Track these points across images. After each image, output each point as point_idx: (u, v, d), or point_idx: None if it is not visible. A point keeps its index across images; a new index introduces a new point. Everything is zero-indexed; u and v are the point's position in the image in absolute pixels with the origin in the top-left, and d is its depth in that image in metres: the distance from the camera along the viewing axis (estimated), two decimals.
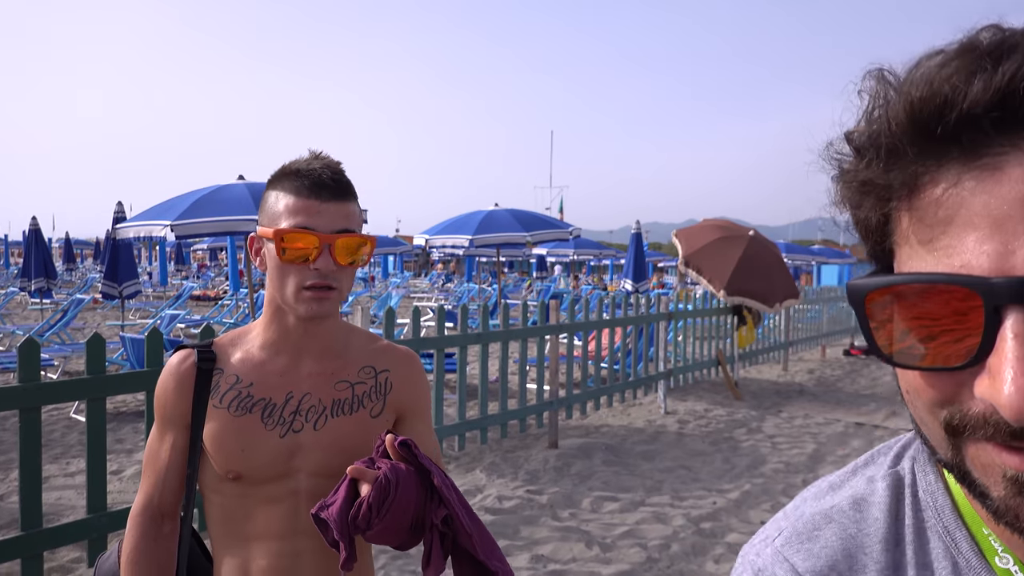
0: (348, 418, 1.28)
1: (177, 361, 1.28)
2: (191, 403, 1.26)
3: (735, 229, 9.31)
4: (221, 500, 1.27)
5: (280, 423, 1.25)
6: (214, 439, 1.24)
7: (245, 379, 1.26)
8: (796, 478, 5.28)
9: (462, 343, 5.22)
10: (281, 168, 1.23)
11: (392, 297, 16.23)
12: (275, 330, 1.27)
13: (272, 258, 1.19)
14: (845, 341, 14.28)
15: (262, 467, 1.24)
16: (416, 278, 38.56)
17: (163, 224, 6.04)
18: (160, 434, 1.30)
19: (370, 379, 1.32)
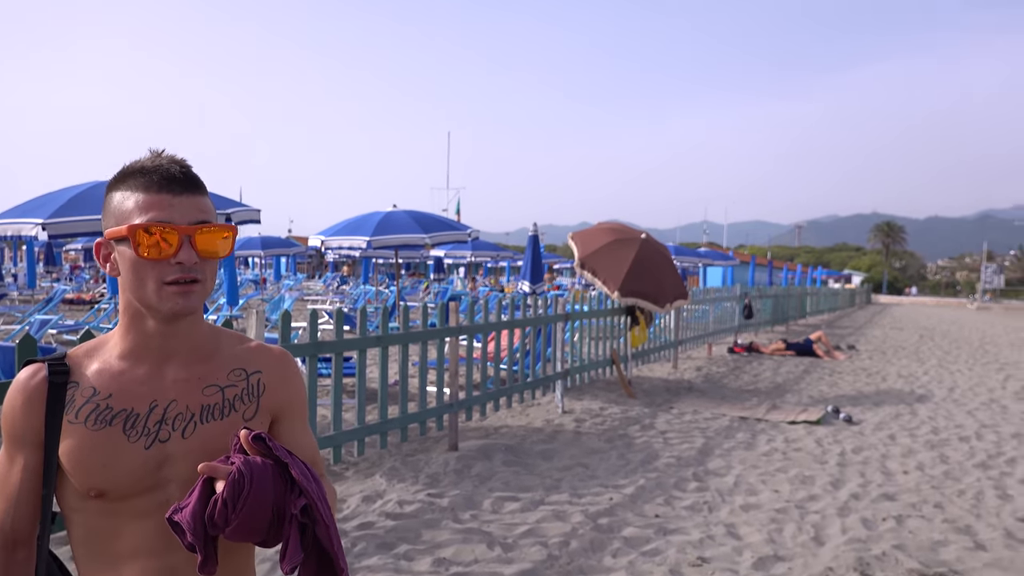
0: (219, 423, 1.23)
1: (26, 376, 1.20)
2: (43, 420, 1.18)
3: (628, 232, 9.61)
4: (84, 519, 1.20)
5: (144, 434, 1.19)
6: (71, 456, 1.17)
7: (103, 391, 1.19)
8: (687, 471, 5.51)
9: (361, 346, 5.14)
10: (122, 169, 1.19)
11: (285, 300, 15.75)
12: (134, 337, 1.21)
13: (127, 258, 1.15)
14: (729, 339, 15.02)
15: (127, 482, 1.18)
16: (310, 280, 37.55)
17: (34, 222, 5.62)
18: (9, 456, 1.22)
19: (241, 381, 1.27)
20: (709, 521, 4.49)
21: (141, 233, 1.12)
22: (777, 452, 6.21)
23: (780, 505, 4.83)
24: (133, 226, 1.12)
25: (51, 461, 1.18)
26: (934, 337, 19.14)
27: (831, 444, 6.55)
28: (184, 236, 1.14)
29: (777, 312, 19.30)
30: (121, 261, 1.17)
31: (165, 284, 1.14)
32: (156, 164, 1.17)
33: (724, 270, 27.77)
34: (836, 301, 29.63)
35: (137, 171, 1.17)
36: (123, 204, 1.16)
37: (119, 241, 1.16)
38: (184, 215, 1.15)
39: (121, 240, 1.16)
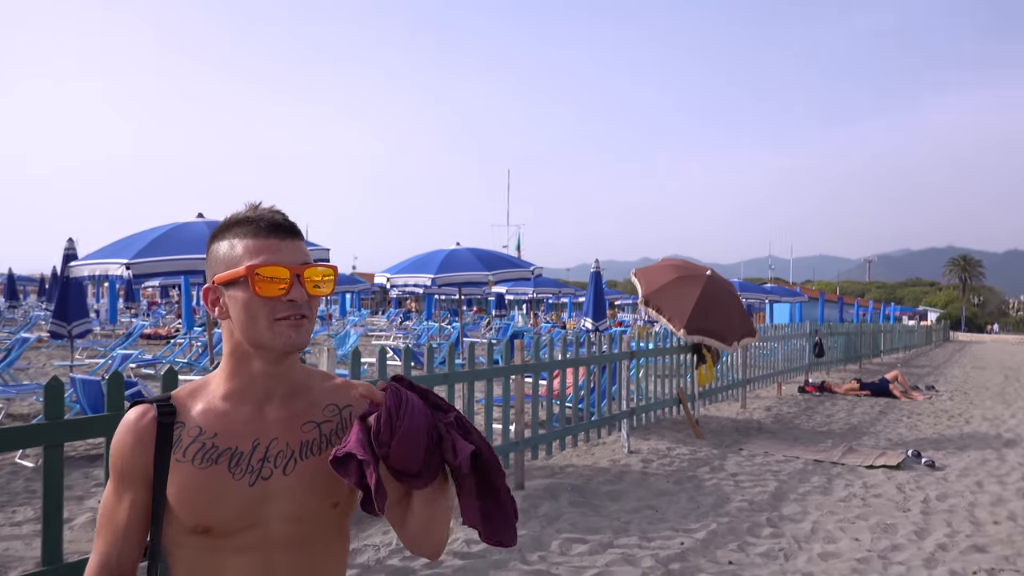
0: (317, 458, 1.27)
1: (135, 417, 1.25)
2: (152, 459, 1.23)
3: (693, 268, 9.49)
4: (188, 555, 1.24)
5: (248, 471, 1.23)
6: (180, 494, 1.22)
7: (209, 430, 1.24)
8: (760, 516, 5.32)
9: (429, 384, 5.18)
10: (226, 221, 1.26)
11: (351, 335, 16.05)
12: (239, 379, 1.26)
13: (239, 300, 1.20)
14: (800, 378, 14.57)
15: (232, 518, 1.22)
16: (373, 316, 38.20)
17: (120, 263, 5.90)
18: (117, 492, 1.26)
19: (335, 416, 1.31)
20: (786, 570, 4.32)
21: (257, 273, 1.18)
22: (856, 498, 5.96)
23: (861, 554, 4.61)
24: (251, 266, 1.18)
25: (159, 499, 1.23)
26: (1020, 377, 18.15)
27: (913, 490, 6.24)
28: (294, 275, 1.20)
29: (849, 350, 18.66)
30: (232, 303, 1.22)
31: (276, 320, 1.19)
32: (260, 214, 1.24)
33: (791, 306, 27.09)
34: (912, 339, 28.48)
35: (242, 221, 1.24)
36: (232, 251, 1.22)
37: (229, 285, 1.22)
38: (291, 257, 1.22)
39: (231, 284, 1.21)
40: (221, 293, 1.24)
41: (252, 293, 1.19)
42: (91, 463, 6.50)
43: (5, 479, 5.92)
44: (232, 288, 1.21)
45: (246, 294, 1.19)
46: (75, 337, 9.46)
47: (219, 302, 1.25)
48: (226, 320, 1.24)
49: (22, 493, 5.58)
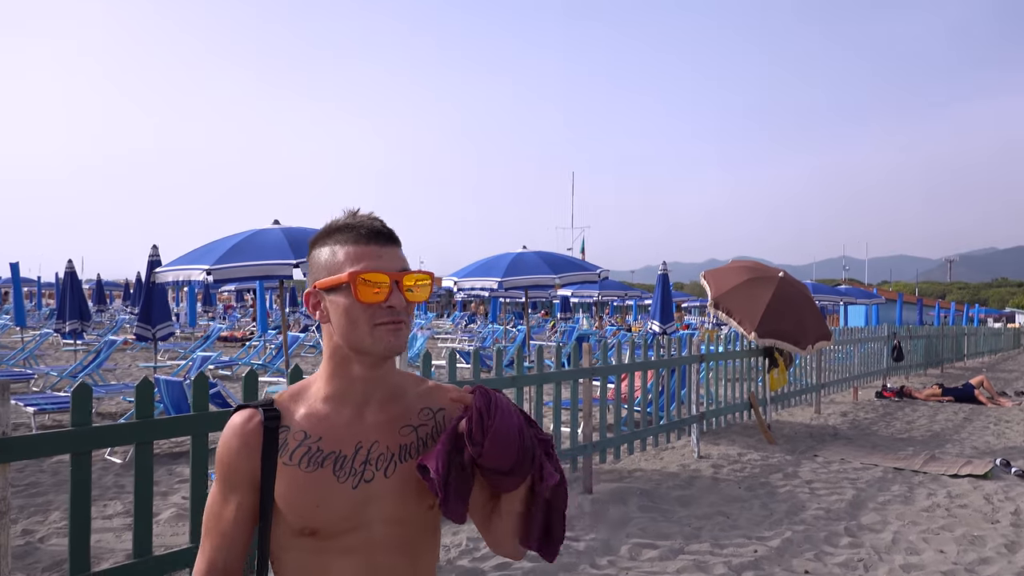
0: (415, 462, 1.29)
1: (241, 421, 1.28)
2: (259, 463, 1.26)
3: (765, 270, 9.27)
4: (294, 557, 1.27)
5: (352, 474, 1.26)
6: (287, 496, 1.24)
7: (313, 434, 1.27)
8: (838, 525, 5.16)
9: (498, 387, 5.22)
10: (327, 227, 1.28)
11: (418, 338, 16.29)
12: (339, 383, 1.28)
13: (341, 305, 1.23)
14: (877, 383, 14.06)
15: (337, 520, 1.24)
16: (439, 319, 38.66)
17: (201, 268, 6.14)
18: (223, 496, 1.29)
19: (430, 420, 1.34)
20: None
21: (360, 280, 1.20)
22: (939, 508, 5.71)
23: (947, 567, 4.42)
24: (353, 273, 1.21)
25: (267, 502, 1.25)
26: None
27: (1002, 501, 5.95)
28: (393, 281, 1.23)
29: (930, 354, 17.89)
30: (333, 308, 1.25)
31: (376, 325, 1.22)
32: (359, 220, 1.27)
33: (867, 308, 26.14)
34: (998, 342, 27.09)
35: (343, 227, 1.26)
36: (334, 257, 1.25)
37: (330, 291, 1.25)
38: (390, 264, 1.25)
39: (333, 289, 1.24)
40: (322, 298, 1.27)
41: (353, 299, 1.21)
42: (174, 460, 6.79)
43: (96, 474, 6.23)
44: (333, 293, 1.24)
45: (347, 300, 1.22)
46: (158, 340, 9.89)
47: (320, 306, 1.27)
48: (327, 324, 1.27)
49: (112, 488, 5.87)
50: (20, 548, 4.46)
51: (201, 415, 3.46)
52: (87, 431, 3.05)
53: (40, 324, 23.62)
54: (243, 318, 30.99)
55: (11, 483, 3.04)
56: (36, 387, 11.31)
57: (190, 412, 3.51)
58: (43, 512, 5.20)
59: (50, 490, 5.75)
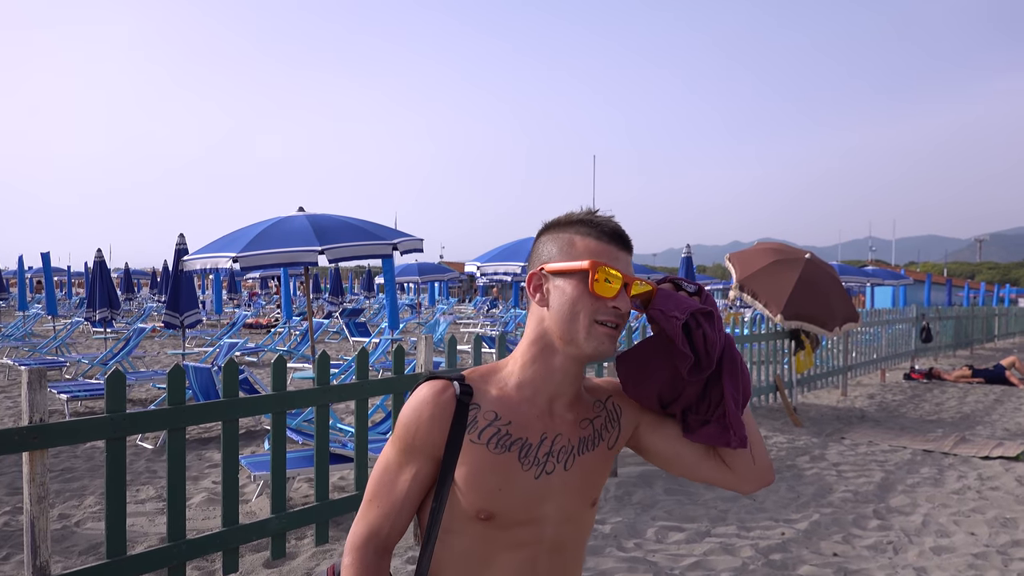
0: (591, 454, 1.29)
1: (435, 391, 1.24)
2: (447, 435, 1.22)
3: (790, 252, 9.17)
4: (462, 541, 1.24)
5: (535, 463, 1.24)
6: (470, 475, 1.21)
7: (504, 416, 1.24)
8: (866, 508, 5.12)
9: None
10: (567, 216, 1.28)
11: (440, 323, 16.36)
12: (537, 370, 1.26)
13: (567, 292, 1.21)
14: (905, 365, 13.89)
15: (516, 508, 1.22)
16: (461, 304, 38.77)
17: (228, 256, 6.20)
18: (401, 463, 1.25)
19: (602, 411, 1.33)
20: (896, 563, 4.14)
21: (601, 270, 1.19)
22: (970, 490, 5.65)
23: (978, 550, 4.37)
24: (596, 262, 1.20)
25: (446, 477, 1.22)
26: None
27: None
28: (624, 284, 1.22)
29: (959, 335, 17.63)
30: (557, 294, 1.23)
31: (596, 323, 1.20)
32: (602, 219, 1.26)
33: (894, 290, 25.77)
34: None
35: (587, 221, 1.25)
36: (573, 245, 1.23)
37: (559, 275, 1.23)
38: (625, 268, 1.24)
39: (563, 275, 1.23)
40: (547, 280, 1.25)
41: (584, 288, 1.20)
42: (203, 446, 6.90)
43: (128, 460, 6.35)
44: (562, 279, 1.22)
45: (577, 289, 1.21)
46: (186, 327, 10.02)
47: (543, 289, 1.25)
48: (542, 308, 1.25)
49: (144, 473, 5.98)
50: (57, 532, 4.56)
51: (231, 401, 3.51)
52: (122, 417, 3.10)
53: (71, 313, 24.05)
54: (268, 305, 31.31)
55: (48, 468, 3.12)
56: (68, 375, 11.53)
57: (219, 398, 3.56)
58: (79, 497, 5.31)
59: (85, 475, 5.87)
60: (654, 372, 1.29)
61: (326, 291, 22.92)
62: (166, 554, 3.31)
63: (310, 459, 4.91)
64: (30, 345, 14.70)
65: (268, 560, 3.96)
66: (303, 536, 4.35)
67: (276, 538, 3.84)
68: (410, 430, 1.24)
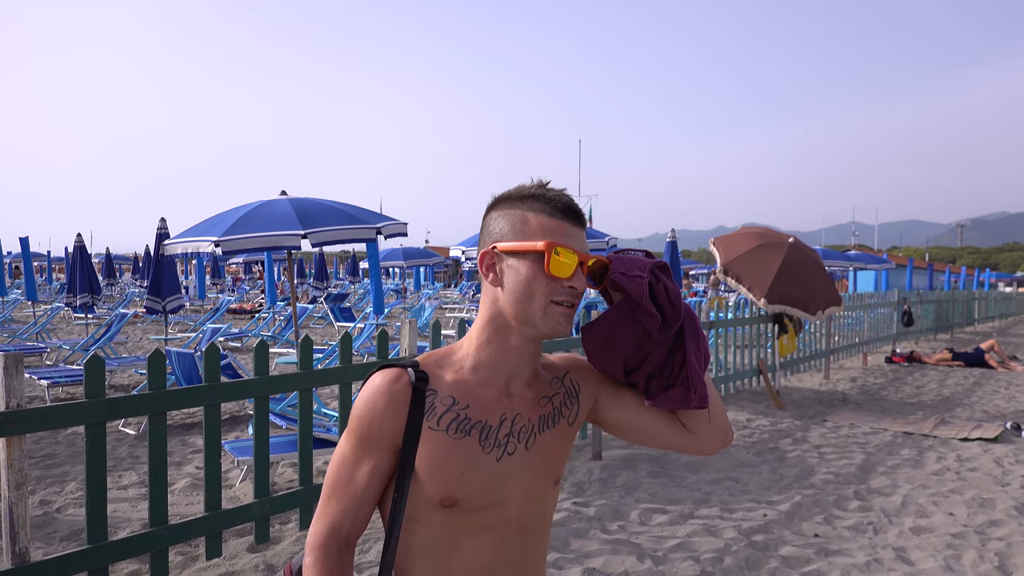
0: (552, 432, 1.28)
1: (389, 380, 1.20)
2: (404, 425, 1.19)
3: (774, 236, 9.21)
4: (426, 530, 1.22)
5: (496, 445, 1.22)
6: (431, 463, 1.19)
7: (461, 400, 1.22)
8: (847, 489, 5.18)
9: None
10: (518, 191, 1.23)
11: (426, 308, 16.33)
12: (493, 351, 1.24)
13: (522, 273, 1.18)
14: (886, 348, 14.03)
15: (480, 492, 1.21)
16: (446, 288, 38.72)
17: (210, 240, 6.14)
18: (357, 456, 1.22)
19: (560, 388, 1.32)
20: (875, 543, 4.20)
21: (555, 251, 1.16)
22: (949, 471, 5.73)
23: (956, 530, 4.44)
24: (551, 243, 1.16)
25: (406, 467, 1.19)
26: None
27: (1012, 464, 5.95)
28: (580, 263, 1.19)
29: (940, 319, 17.83)
30: (510, 274, 1.19)
31: (552, 303, 1.18)
32: (555, 194, 1.21)
33: (876, 274, 25.99)
34: (1009, 306, 26.94)
35: (538, 196, 1.21)
36: (525, 223, 1.19)
37: (513, 255, 1.19)
38: (579, 245, 1.20)
39: (517, 255, 1.19)
40: (500, 260, 1.21)
41: (539, 269, 1.17)
42: (187, 431, 6.86)
43: (111, 446, 6.30)
44: (517, 258, 1.19)
45: (532, 269, 1.17)
46: (168, 312, 9.93)
47: (495, 268, 1.22)
48: (495, 288, 1.22)
49: (127, 459, 5.94)
50: (38, 518, 4.53)
51: (213, 386, 3.49)
52: (101, 402, 3.07)
53: (51, 298, 23.79)
54: (252, 290, 31.12)
55: (28, 455, 3.08)
56: (49, 360, 11.42)
57: (202, 383, 3.54)
58: (60, 483, 5.27)
59: (66, 461, 5.82)
60: (620, 341, 1.26)
61: (311, 276, 22.81)
62: (148, 539, 3.30)
63: (294, 444, 4.89)
64: (10, 331, 14.55)
65: (252, 545, 3.95)
66: (287, 520, 4.34)
67: (260, 522, 3.83)
68: (365, 422, 1.20)
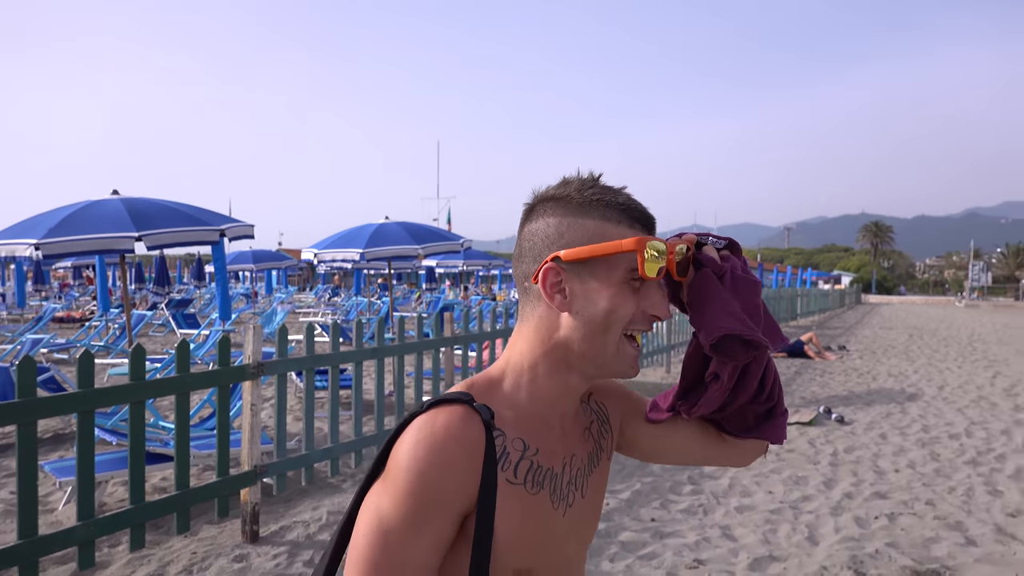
0: (598, 469, 1.07)
1: (461, 421, 0.89)
2: (480, 479, 0.89)
3: None
4: None
5: (561, 498, 0.99)
6: (510, 526, 0.92)
7: (531, 445, 0.96)
8: (682, 475, 5.57)
9: (358, 358, 5.18)
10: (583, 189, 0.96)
11: (277, 313, 15.76)
12: (553, 386, 0.98)
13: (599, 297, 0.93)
14: None
15: (550, 559, 0.98)
16: (301, 292, 37.51)
17: (28, 243, 5.64)
18: (414, 525, 0.87)
19: (592, 413, 1.10)
20: (704, 524, 4.55)
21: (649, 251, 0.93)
22: (771, 454, 6.28)
23: (774, 506, 4.89)
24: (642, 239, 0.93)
25: (484, 531, 0.90)
26: (923, 336, 19.30)
27: (824, 444, 6.62)
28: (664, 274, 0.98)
29: None
30: (584, 294, 0.94)
31: (625, 336, 0.96)
32: (630, 199, 0.97)
33: None
34: (826, 302, 29.82)
35: (612, 204, 0.95)
36: (604, 236, 0.94)
37: (589, 272, 0.94)
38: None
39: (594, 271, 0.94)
40: (570, 279, 0.94)
41: (621, 291, 0.94)
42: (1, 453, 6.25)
43: None
44: (592, 277, 0.94)
45: (612, 291, 0.94)
46: None
47: (562, 288, 0.95)
48: (559, 313, 0.96)
49: None
50: None
51: (26, 401, 3.22)
52: None
53: None
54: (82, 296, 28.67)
55: None
56: None
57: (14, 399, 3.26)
58: None
59: None
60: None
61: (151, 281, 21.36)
62: None
63: (125, 460, 4.60)
64: None
65: (76, 571, 3.68)
66: (117, 543, 4.08)
67: (83, 547, 3.57)
68: (430, 478, 0.86)
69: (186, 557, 3.91)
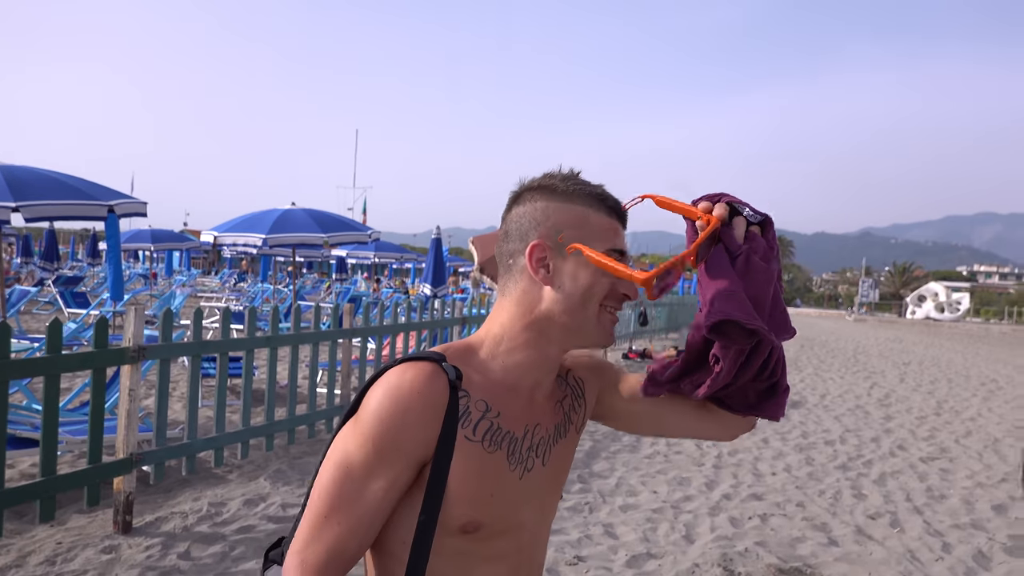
0: (564, 441, 1.16)
1: (426, 377, 0.99)
2: (439, 432, 0.99)
3: None
4: (436, 561, 1.03)
5: (519, 462, 1.08)
6: (464, 479, 1.01)
7: (493, 407, 1.05)
8: (573, 474, 5.68)
9: (249, 347, 5.03)
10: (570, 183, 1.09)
11: (176, 296, 15.13)
12: (529, 356, 1.08)
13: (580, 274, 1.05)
14: (624, 346, 15.50)
15: (502, 515, 1.06)
16: (205, 276, 36.12)
17: None
18: (371, 468, 0.98)
19: (567, 388, 1.19)
20: (589, 521, 4.66)
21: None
22: (659, 455, 6.49)
23: (657, 505, 5.06)
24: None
25: (438, 482, 1.00)
26: (813, 347, 20.36)
27: (710, 447, 6.89)
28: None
29: (671, 320, 20.09)
30: (570, 275, 1.06)
31: (605, 309, 1.07)
32: (607, 193, 1.11)
33: None
34: None
35: (595, 195, 1.09)
36: (587, 221, 1.07)
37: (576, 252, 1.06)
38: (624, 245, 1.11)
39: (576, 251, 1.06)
40: (555, 256, 1.06)
41: (605, 272, 1.05)
42: None
43: None
44: (577, 257, 1.06)
45: (594, 271, 1.05)
46: None
47: (547, 264, 1.06)
48: (543, 286, 1.07)
49: None
50: None
51: None
52: None
53: None
54: None
55: None
56: None
57: None
58: None
59: None
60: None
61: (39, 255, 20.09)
62: None
63: None
64: None
65: None
66: None
67: None
68: (391, 426, 0.97)
69: (50, 547, 3.72)
